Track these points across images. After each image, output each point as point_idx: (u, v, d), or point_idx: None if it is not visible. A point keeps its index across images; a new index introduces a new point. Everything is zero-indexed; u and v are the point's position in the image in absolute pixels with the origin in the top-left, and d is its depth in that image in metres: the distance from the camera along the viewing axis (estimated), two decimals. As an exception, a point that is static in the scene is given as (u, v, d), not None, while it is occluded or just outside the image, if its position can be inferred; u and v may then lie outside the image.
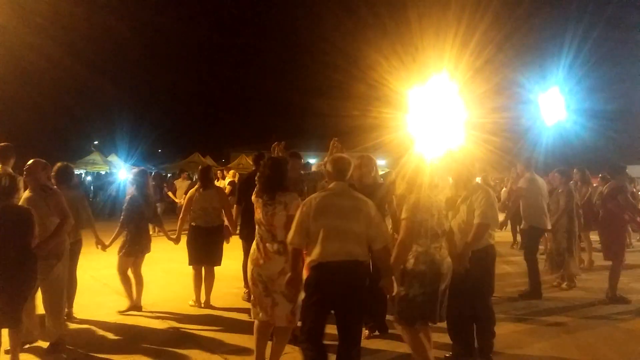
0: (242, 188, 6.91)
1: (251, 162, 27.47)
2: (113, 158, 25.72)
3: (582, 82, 28.59)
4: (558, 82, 26.32)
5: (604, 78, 35.51)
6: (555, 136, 26.07)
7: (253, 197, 4.12)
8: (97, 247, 6.00)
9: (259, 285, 3.99)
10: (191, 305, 6.34)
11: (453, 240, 4.24)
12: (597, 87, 32.38)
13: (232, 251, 6.89)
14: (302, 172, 6.19)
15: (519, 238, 10.74)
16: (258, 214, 4.04)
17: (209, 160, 28.22)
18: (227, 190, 13.17)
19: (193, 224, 6.40)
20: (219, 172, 17.21)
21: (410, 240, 3.90)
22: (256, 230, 4.10)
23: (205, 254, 6.31)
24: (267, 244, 3.97)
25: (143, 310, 6.15)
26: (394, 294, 3.86)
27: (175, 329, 5.58)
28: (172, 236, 6.51)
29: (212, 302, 6.39)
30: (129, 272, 6.14)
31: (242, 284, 6.75)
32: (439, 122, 9.96)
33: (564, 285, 7.53)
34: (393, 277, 3.81)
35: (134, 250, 6.06)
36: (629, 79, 38.19)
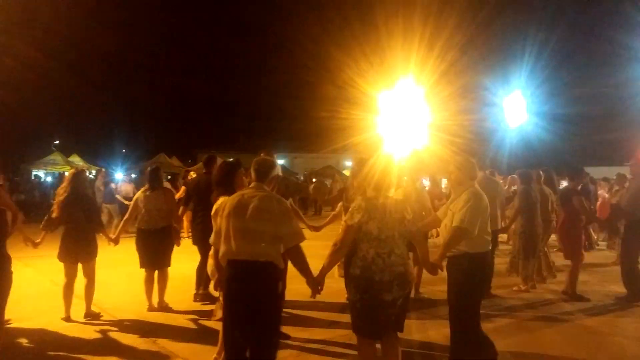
0: (191, 190, 6.93)
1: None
2: (75, 158, 25.12)
3: (543, 85, 29.45)
4: (520, 86, 26.99)
5: (564, 82, 36.66)
6: (518, 138, 26.73)
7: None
8: (27, 244, 5.77)
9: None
10: (148, 310, 6.20)
11: (423, 244, 4.05)
12: (557, 91, 33.39)
13: (181, 254, 6.85)
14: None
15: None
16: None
17: (174, 161, 27.89)
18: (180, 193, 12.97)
19: (137, 227, 6.32)
20: (188, 172, 16.93)
21: (344, 244, 3.75)
22: None
23: (151, 256, 6.21)
24: None
25: (102, 314, 6.02)
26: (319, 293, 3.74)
27: (131, 332, 5.47)
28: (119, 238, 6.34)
29: (172, 304, 6.35)
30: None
31: (193, 286, 6.73)
32: (405, 124, 10.09)
33: (521, 287, 7.43)
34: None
35: (74, 255, 5.84)
36: (588, 83, 39.47)
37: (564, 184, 13.05)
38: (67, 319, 5.78)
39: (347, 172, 31.85)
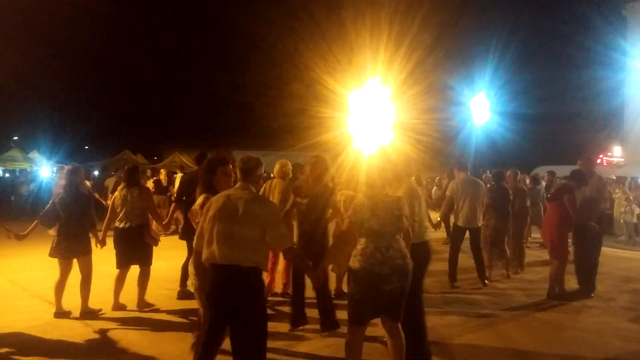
0: (185, 187, 6.76)
1: (185, 160, 26.76)
2: (35, 155, 24.35)
3: (506, 86, 30.14)
4: (484, 86, 27.54)
5: (526, 83, 37.57)
6: (483, 137, 27.28)
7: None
8: (10, 238, 5.69)
9: None
10: (112, 310, 6.10)
11: (407, 242, 4.12)
12: (520, 92, 34.21)
13: (162, 251, 6.79)
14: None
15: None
16: None
17: (139, 158, 27.36)
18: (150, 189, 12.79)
19: (115, 225, 6.26)
20: (148, 170, 16.71)
21: (347, 237, 3.94)
22: None
23: (128, 254, 6.15)
24: None
25: (71, 314, 5.88)
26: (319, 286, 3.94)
27: (104, 333, 5.37)
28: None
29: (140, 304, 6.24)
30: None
31: (175, 284, 6.67)
32: (373, 122, 10.17)
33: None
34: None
35: (66, 252, 5.81)
36: (549, 84, 40.60)
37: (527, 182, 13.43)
38: (59, 314, 5.75)
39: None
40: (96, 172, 22.79)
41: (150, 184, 13.57)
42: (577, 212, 6.88)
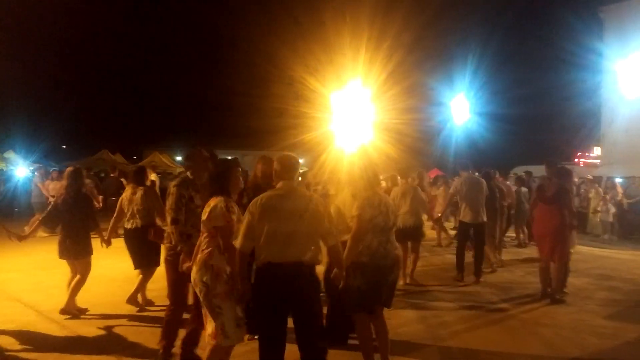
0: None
1: (165, 160, 26.48)
2: (10, 154, 23.89)
3: (486, 87, 30.50)
4: (464, 87, 27.80)
5: (505, 83, 38.07)
6: (463, 137, 27.54)
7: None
8: (11, 238, 5.79)
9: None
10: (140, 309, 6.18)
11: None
12: (499, 92, 34.65)
13: None
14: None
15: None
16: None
17: (118, 158, 27.03)
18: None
19: (125, 226, 6.32)
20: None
21: (361, 235, 4.14)
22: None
23: (135, 256, 6.22)
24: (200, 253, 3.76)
25: (44, 315, 5.83)
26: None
27: (73, 334, 5.29)
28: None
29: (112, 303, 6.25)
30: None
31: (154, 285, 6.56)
32: (354, 122, 10.20)
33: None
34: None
35: (67, 253, 5.88)
36: (528, 85, 41.14)
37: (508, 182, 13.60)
38: (64, 311, 5.79)
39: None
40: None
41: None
42: (573, 213, 6.98)
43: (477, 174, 9.30)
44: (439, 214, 9.66)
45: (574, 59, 26.99)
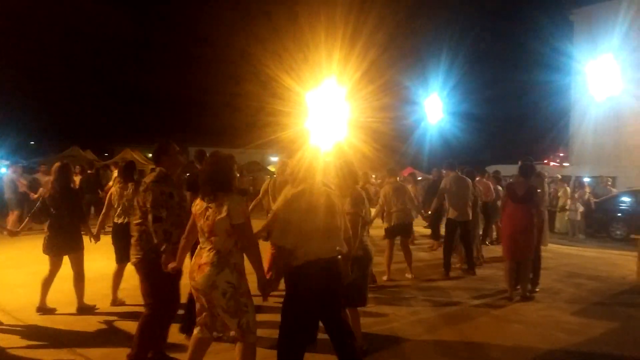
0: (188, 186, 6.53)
1: (137, 157, 26.07)
2: (-24, 150, 23.22)
3: (459, 86, 30.89)
4: (438, 86, 28.05)
5: (478, 83, 38.64)
6: (436, 136, 27.81)
7: (195, 201, 3.67)
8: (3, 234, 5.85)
9: (202, 298, 3.54)
10: (112, 305, 6.12)
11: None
12: (472, 92, 35.14)
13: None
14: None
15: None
16: (197, 220, 3.58)
17: (89, 154, 26.50)
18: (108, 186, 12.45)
19: (114, 221, 6.23)
20: (112, 165, 16.10)
21: (358, 231, 4.31)
22: (199, 239, 3.64)
23: (123, 251, 6.02)
24: (205, 254, 3.51)
25: (56, 311, 5.84)
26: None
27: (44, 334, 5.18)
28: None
29: (87, 302, 6.07)
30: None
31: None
32: (329, 120, 10.22)
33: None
34: None
35: (57, 249, 5.83)
36: (500, 85, 41.84)
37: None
38: (41, 309, 5.77)
39: (272, 168, 31.76)
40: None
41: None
42: (541, 213, 7.09)
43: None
44: (429, 211, 9.77)
45: (545, 60, 27.60)
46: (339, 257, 3.66)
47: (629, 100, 24.65)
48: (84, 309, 5.89)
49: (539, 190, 7.20)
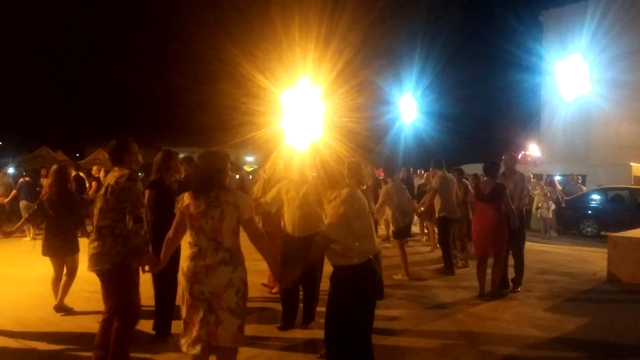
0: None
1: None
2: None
3: (432, 86, 31.21)
4: (412, 86, 28.29)
5: (450, 83, 39.09)
6: (410, 136, 28.03)
7: (187, 201, 3.49)
8: None
9: (201, 305, 3.34)
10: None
11: None
12: (445, 92, 35.54)
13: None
14: None
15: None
16: (197, 221, 3.43)
17: (59, 155, 25.90)
18: (93, 188, 12.30)
19: None
20: (94, 168, 15.69)
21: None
22: (190, 240, 3.49)
23: None
24: (210, 254, 3.38)
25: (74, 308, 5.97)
26: None
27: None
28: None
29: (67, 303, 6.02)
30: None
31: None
32: (305, 119, 10.18)
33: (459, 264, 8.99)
34: None
35: (54, 250, 5.92)
36: (472, 85, 42.42)
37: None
38: (60, 308, 5.88)
39: (247, 167, 31.60)
40: (10, 170, 21.29)
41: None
42: (513, 210, 7.01)
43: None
44: (422, 209, 9.81)
45: (516, 60, 28.04)
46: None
47: (597, 100, 25.29)
48: (62, 309, 5.87)
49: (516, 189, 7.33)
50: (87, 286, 6.22)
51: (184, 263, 3.44)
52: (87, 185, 13.70)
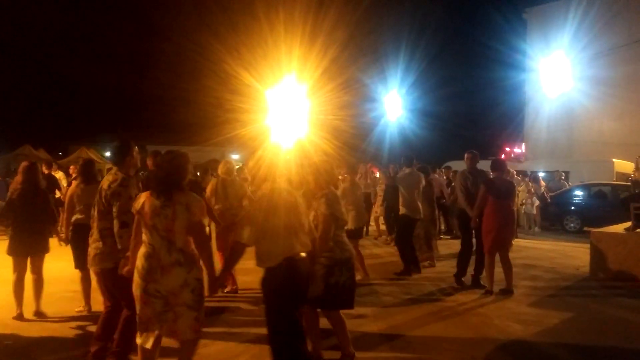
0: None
1: (92, 156, 25.30)
2: None
3: (417, 83, 31.33)
4: (397, 84, 28.38)
5: (435, 80, 39.27)
6: (396, 133, 28.12)
7: (142, 200, 3.58)
8: None
9: (157, 302, 3.43)
10: (80, 312, 5.80)
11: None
12: (430, 89, 35.69)
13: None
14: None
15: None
16: (150, 219, 3.49)
17: (41, 154, 25.54)
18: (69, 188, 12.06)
19: (75, 222, 5.84)
20: (72, 167, 15.50)
21: (330, 234, 4.12)
22: (145, 239, 3.56)
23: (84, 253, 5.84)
24: (163, 254, 3.46)
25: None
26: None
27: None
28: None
29: (44, 308, 5.76)
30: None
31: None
32: (290, 117, 10.15)
33: (425, 263, 8.68)
34: None
35: (20, 250, 5.63)
36: (457, 82, 42.67)
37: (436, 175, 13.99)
38: (20, 316, 5.52)
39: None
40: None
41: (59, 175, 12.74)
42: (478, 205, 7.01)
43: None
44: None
45: (501, 57, 28.27)
46: (304, 256, 3.61)
47: (579, 97, 25.59)
48: (41, 314, 5.63)
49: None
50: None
51: (139, 261, 3.50)
52: (66, 184, 13.42)
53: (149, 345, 3.48)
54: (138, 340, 3.54)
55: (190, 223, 3.48)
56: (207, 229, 4.98)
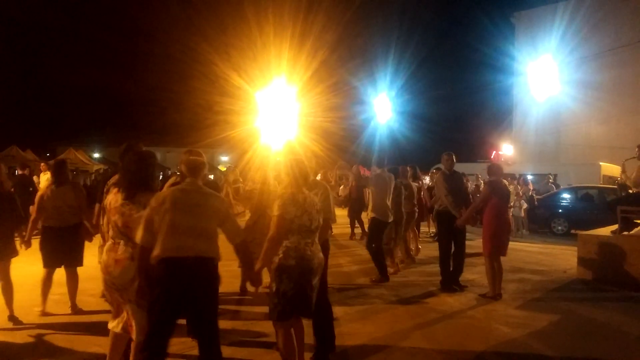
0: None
1: (80, 157, 25.13)
2: None
3: (406, 86, 31.48)
4: (386, 86, 28.46)
5: (424, 83, 39.50)
6: (385, 136, 28.19)
7: (110, 197, 3.70)
8: None
9: (115, 292, 3.62)
10: (38, 313, 5.69)
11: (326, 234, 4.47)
12: (419, 92, 35.92)
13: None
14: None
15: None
16: (113, 215, 3.65)
17: (29, 155, 25.32)
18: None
19: (45, 224, 5.83)
20: (42, 165, 15.41)
21: (280, 236, 3.88)
22: (110, 233, 3.70)
23: (63, 254, 5.80)
24: (120, 248, 3.60)
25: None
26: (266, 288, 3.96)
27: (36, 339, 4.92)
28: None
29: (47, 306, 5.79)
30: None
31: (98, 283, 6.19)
32: (280, 119, 10.15)
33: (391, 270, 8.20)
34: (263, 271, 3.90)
35: None
36: (446, 85, 42.91)
37: (427, 179, 14.05)
38: (13, 319, 5.43)
39: (222, 167, 31.32)
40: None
41: (43, 179, 12.62)
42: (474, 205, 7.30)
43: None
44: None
45: (489, 61, 28.53)
46: (208, 258, 3.42)
47: (567, 100, 25.84)
48: (14, 319, 5.44)
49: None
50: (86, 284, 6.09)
51: (103, 255, 3.68)
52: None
53: (118, 329, 3.68)
54: (109, 325, 3.73)
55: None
56: None
